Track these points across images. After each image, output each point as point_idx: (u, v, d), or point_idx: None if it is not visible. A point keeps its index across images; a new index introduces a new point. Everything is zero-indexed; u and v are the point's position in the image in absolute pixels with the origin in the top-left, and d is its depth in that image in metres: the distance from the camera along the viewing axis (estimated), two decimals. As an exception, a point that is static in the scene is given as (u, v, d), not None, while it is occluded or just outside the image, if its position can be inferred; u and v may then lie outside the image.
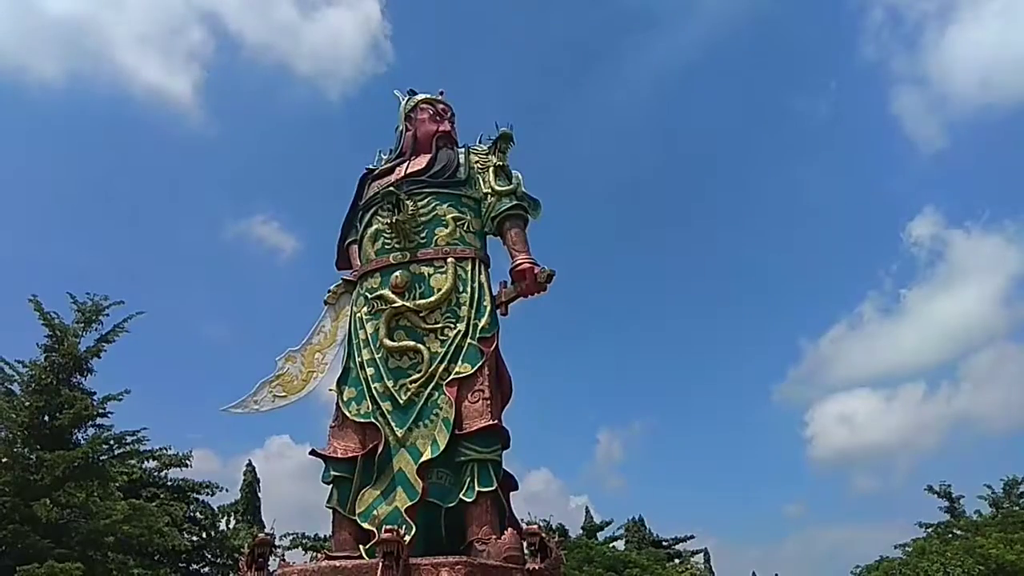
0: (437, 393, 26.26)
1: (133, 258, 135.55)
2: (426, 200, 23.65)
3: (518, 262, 27.75)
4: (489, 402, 26.88)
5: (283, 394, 28.32)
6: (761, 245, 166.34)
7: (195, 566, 36.36)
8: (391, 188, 20.57)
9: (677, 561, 52.64)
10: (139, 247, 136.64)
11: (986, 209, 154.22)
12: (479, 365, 26.70)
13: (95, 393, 25.54)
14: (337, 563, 24.79)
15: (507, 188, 22.37)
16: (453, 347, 26.88)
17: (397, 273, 27.14)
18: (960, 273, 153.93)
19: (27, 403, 24.09)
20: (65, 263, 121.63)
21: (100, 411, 25.11)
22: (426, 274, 27.25)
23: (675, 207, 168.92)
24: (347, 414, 27.96)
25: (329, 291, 28.42)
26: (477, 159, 22.55)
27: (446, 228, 28.00)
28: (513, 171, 22.21)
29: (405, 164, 22.32)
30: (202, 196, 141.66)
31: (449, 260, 27.07)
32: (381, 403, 27.37)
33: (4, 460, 23.08)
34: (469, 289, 27.43)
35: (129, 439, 25.27)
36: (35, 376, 24.48)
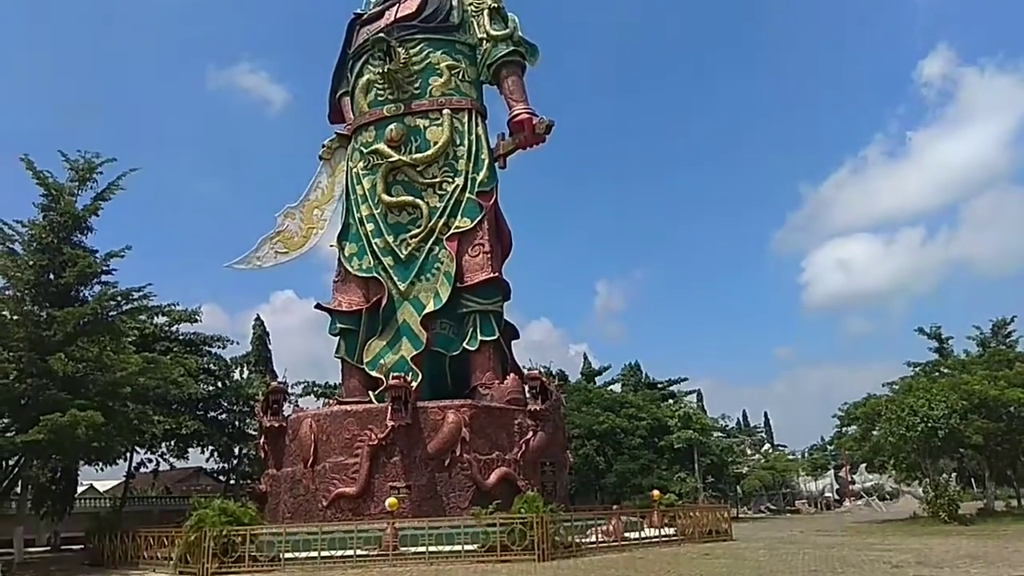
0: (438, 247, 26.49)
1: (117, 113, 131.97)
2: (418, 47, 22.70)
3: (516, 113, 26.97)
4: (489, 255, 27.18)
5: (284, 250, 28.62)
6: (764, 88, 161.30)
7: (212, 413, 38.07)
8: (381, 35, 19.70)
9: (671, 401, 54.90)
10: (122, 100, 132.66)
11: (1002, 47, 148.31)
12: (478, 219, 26.72)
13: (97, 251, 25.69)
14: (349, 407, 26.00)
15: (503, 32, 21.53)
16: (452, 201, 26.77)
17: (392, 126, 26.46)
18: (969, 113, 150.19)
19: (30, 262, 24.25)
20: (46, 119, 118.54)
21: (104, 268, 25.32)
22: (421, 127, 26.57)
23: (676, 51, 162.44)
24: (349, 269, 28.35)
25: (323, 146, 27.80)
26: (471, 1, 21.48)
27: (440, 77, 26.93)
28: (509, 14, 21.18)
29: (395, 7, 21.20)
30: (182, 43, 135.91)
31: (445, 111, 26.31)
32: (382, 258, 27.68)
33: (15, 318, 23.53)
34: (466, 142, 26.89)
35: (136, 295, 25.63)
36: (35, 235, 24.50)
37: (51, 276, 24.62)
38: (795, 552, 18.74)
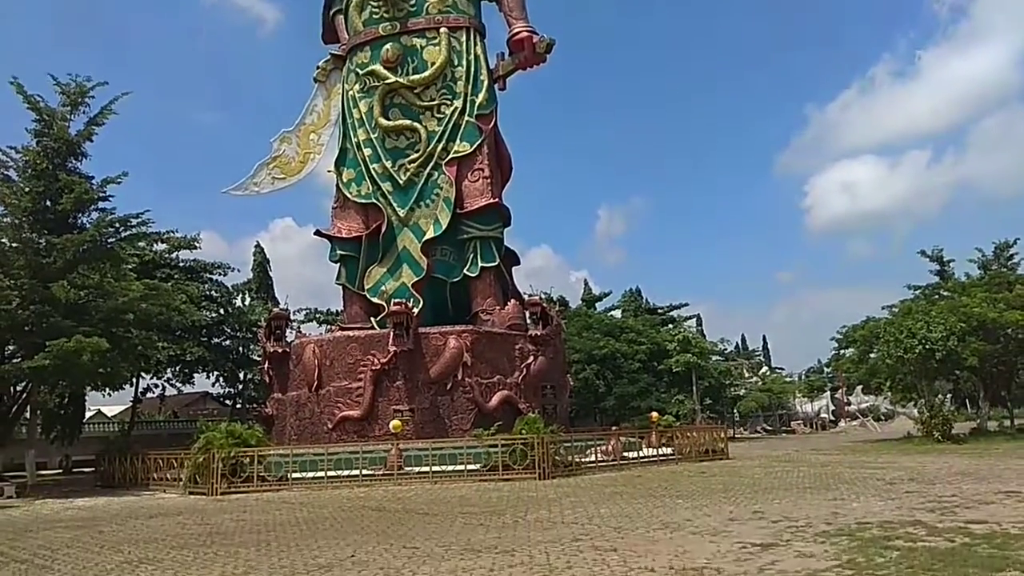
0: (437, 173, 26.19)
1: (110, 35, 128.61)
2: (414, -39, 21.81)
3: (516, 31, 26.31)
4: (489, 180, 26.92)
5: (282, 176, 28.29)
6: (770, 6, 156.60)
7: (216, 340, 38.44)
8: (375, -52, 18.89)
9: (671, 326, 55.31)
10: (116, 21, 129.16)
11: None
12: (478, 143, 26.35)
13: (93, 177, 25.42)
14: (351, 333, 26.24)
15: (502, -55, 20.55)
16: (451, 125, 26.34)
17: (387, 46, 25.90)
18: (982, 31, 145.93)
19: (27, 189, 24.04)
20: (36, 41, 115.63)
21: (101, 195, 25.11)
22: (418, 46, 25.96)
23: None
24: (348, 195, 28.12)
25: (318, 67, 27.19)
26: (468, -89, 20.51)
27: (437, -7, 25.75)
28: (508, -75, 20.32)
29: (389, -81, 20.32)
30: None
31: (442, 30, 25.71)
32: (381, 184, 27.41)
33: (14, 245, 23.47)
34: (464, 62, 26.27)
35: (134, 221, 25.48)
36: (30, 161, 24.20)
37: (48, 203, 24.43)
38: (790, 470, 19.18)
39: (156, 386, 39.72)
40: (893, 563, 7.09)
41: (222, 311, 38.82)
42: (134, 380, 34.62)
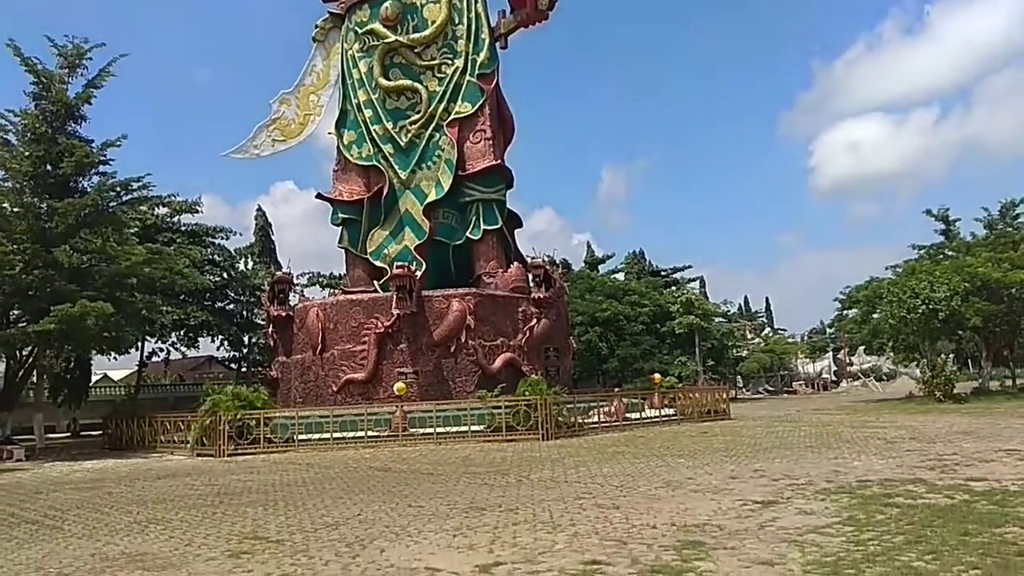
0: (438, 134, 26.01)
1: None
2: (413, -84, 21.51)
3: (517, -12, 25.54)
4: (491, 142, 26.73)
5: (282, 138, 28.04)
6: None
7: (220, 304, 38.60)
8: (372, -98, 18.52)
9: (674, 288, 55.30)
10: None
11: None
12: (480, 104, 26.16)
13: (93, 141, 25.24)
14: (354, 297, 26.29)
15: (502, -101, 20.13)
16: (452, 85, 26.14)
17: (387, 4, 25.66)
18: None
19: (27, 153, 23.90)
20: (32, 5, 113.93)
21: (101, 158, 24.94)
22: (418, 4, 25.66)
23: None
24: (349, 157, 27.94)
25: (316, 26, 26.90)
26: None
27: (436, -51, 25.30)
28: None
29: None
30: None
31: (442, -13, 25.05)
32: (382, 146, 27.22)
33: (16, 210, 23.41)
34: (465, 20, 25.96)
35: (135, 185, 25.37)
36: (29, 125, 24.02)
37: (48, 167, 24.30)
38: (791, 429, 19.31)
39: (161, 350, 40.01)
40: (893, 520, 7.16)
41: (225, 275, 38.91)
42: (139, 344, 34.81)
